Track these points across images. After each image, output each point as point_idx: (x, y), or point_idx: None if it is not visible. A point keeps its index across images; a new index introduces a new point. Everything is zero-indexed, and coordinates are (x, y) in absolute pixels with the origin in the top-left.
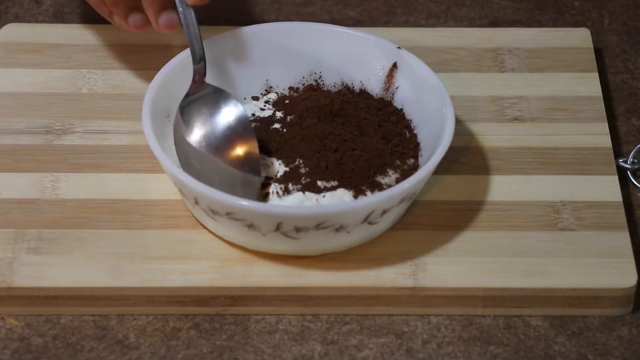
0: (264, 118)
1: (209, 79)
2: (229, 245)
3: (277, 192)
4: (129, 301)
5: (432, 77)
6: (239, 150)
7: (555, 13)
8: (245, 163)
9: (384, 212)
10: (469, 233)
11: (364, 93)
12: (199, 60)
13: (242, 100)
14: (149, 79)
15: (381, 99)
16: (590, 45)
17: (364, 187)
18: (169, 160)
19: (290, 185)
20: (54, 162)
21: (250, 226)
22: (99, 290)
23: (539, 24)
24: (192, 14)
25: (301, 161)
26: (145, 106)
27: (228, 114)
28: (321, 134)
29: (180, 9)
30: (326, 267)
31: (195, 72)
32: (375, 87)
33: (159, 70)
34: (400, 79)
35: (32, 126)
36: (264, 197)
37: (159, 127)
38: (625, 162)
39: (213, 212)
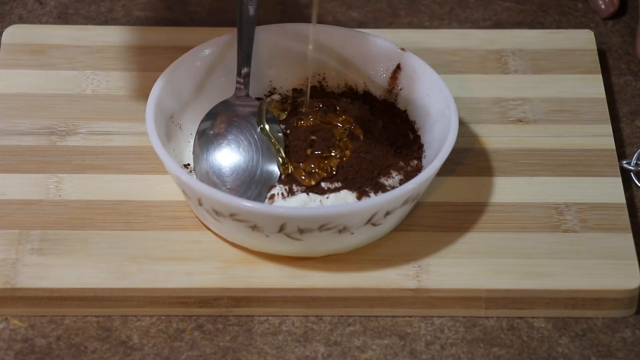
0: None
1: (214, 79)
2: (232, 246)
3: (281, 194)
4: (132, 302)
5: (436, 78)
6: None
7: (558, 15)
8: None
9: (388, 213)
10: (472, 234)
11: (367, 94)
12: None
13: None
14: (152, 80)
15: (385, 101)
16: (594, 46)
17: (367, 189)
18: (172, 161)
19: (294, 187)
20: (58, 163)
21: (254, 227)
22: (103, 291)
23: (542, 25)
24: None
25: None
26: (149, 107)
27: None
28: (325, 135)
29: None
30: (329, 268)
31: (237, 85)
32: (378, 88)
33: (162, 71)
34: (403, 81)
35: (35, 127)
36: (268, 198)
37: (162, 128)
38: (629, 163)
39: (217, 213)
